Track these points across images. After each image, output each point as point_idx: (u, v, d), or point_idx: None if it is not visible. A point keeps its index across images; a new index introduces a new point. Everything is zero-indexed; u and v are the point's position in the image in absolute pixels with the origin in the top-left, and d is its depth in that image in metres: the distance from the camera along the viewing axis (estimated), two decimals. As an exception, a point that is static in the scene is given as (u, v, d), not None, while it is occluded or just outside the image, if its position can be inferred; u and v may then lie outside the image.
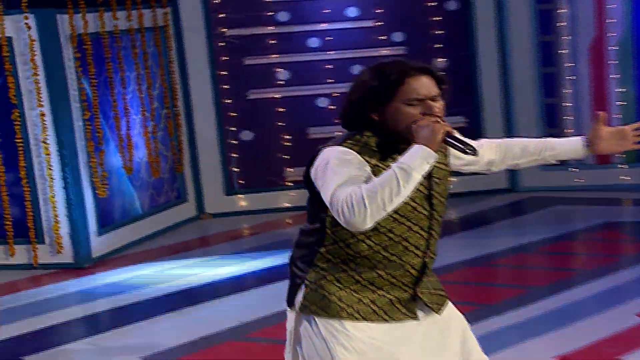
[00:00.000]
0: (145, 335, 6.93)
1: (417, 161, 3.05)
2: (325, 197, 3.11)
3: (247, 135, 9.57)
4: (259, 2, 9.34)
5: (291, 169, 9.55)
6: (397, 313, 3.32)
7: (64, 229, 8.24)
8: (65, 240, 8.25)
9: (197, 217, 9.46)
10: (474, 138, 3.66)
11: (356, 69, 9.14)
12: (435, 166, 3.17)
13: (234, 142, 9.52)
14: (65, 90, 7.92)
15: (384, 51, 9.29)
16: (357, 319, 3.28)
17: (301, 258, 3.43)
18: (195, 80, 9.36)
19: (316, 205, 3.24)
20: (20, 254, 8.38)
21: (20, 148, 8.00)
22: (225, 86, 9.37)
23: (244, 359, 6.26)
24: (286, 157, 9.58)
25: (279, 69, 9.43)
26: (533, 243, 8.05)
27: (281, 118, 9.50)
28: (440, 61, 9.30)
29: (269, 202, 9.45)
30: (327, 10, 9.37)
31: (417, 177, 3.05)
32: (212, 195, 9.45)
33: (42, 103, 7.85)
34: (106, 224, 8.69)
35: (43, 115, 7.84)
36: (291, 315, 3.39)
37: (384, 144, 3.26)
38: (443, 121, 3.13)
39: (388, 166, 3.12)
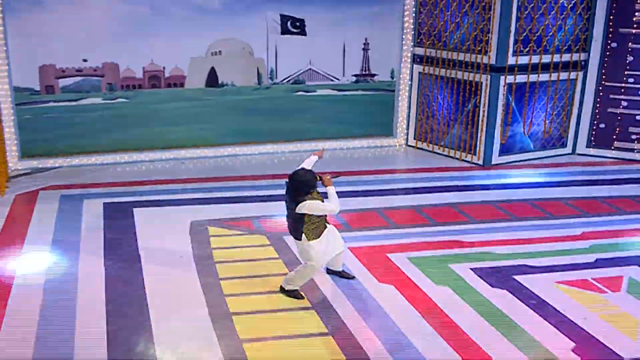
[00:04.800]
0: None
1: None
2: (306, 210, 8.21)
3: None
4: None
5: None
6: (323, 229, 8.48)
7: (481, 149, 13.83)
8: (481, 153, 13.86)
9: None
10: None
11: None
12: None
13: None
14: None
15: None
16: (314, 239, 8.43)
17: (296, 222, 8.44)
18: None
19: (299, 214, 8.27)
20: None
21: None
22: None
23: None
24: None
25: None
26: None
27: None
28: None
29: None
30: None
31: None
32: None
33: None
34: (504, 151, 13.99)
35: None
36: (298, 242, 8.52)
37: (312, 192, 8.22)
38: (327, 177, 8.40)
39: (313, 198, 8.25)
